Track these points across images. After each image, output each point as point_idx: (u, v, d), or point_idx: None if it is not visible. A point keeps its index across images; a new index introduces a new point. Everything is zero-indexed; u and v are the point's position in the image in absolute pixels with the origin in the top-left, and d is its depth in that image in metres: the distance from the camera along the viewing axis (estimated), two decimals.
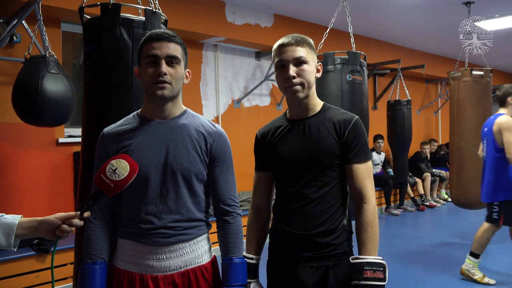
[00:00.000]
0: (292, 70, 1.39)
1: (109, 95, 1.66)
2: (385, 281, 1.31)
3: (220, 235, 1.43)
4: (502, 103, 3.43)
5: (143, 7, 1.77)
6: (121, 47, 1.63)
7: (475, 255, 3.51)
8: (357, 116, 1.46)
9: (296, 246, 1.44)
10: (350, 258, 1.38)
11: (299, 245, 1.43)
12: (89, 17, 1.80)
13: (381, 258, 1.35)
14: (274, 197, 1.59)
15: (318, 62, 1.49)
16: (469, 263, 3.52)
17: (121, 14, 1.67)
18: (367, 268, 1.31)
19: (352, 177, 1.42)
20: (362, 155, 1.41)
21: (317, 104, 1.50)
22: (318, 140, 1.42)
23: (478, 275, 3.47)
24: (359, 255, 1.36)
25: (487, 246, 3.93)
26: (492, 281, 3.44)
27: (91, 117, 1.70)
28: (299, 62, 1.40)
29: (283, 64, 1.41)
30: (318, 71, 1.48)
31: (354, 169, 1.41)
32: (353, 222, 1.46)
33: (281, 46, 1.43)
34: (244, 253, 1.54)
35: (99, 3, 1.71)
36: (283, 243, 1.48)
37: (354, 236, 1.48)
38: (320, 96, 1.57)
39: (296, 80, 1.40)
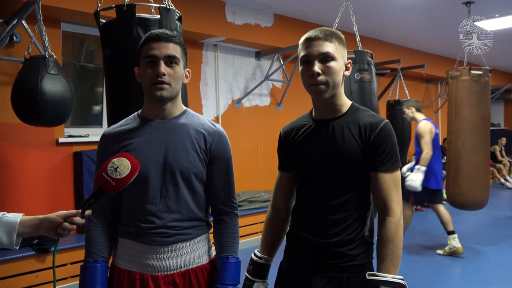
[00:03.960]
0: (317, 67, 1.28)
1: (132, 97, 1.65)
2: None
3: (216, 234, 1.43)
4: None
5: (157, 5, 1.77)
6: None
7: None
8: (387, 120, 1.34)
9: (310, 253, 1.37)
10: (367, 274, 1.27)
11: (314, 252, 1.36)
12: (104, 21, 1.80)
13: (401, 277, 1.24)
14: (294, 199, 1.52)
15: (348, 59, 1.38)
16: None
17: (136, 14, 1.68)
18: (383, 287, 1.22)
19: (377, 186, 1.30)
20: (389, 163, 1.29)
21: (344, 104, 1.38)
22: (341, 144, 1.32)
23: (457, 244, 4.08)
24: (377, 271, 1.26)
25: (486, 247, 3.96)
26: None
27: (114, 118, 1.68)
28: (326, 58, 1.29)
29: (308, 60, 1.31)
30: (347, 69, 1.36)
31: (379, 177, 1.29)
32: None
33: (308, 39, 1.32)
34: (256, 251, 1.52)
35: (113, 5, 1.71)
36: (298, 248, 1.41)
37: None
38: None
39: (321, 78, 1.28)
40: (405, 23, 5.58)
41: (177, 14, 1.82)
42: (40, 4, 2.83)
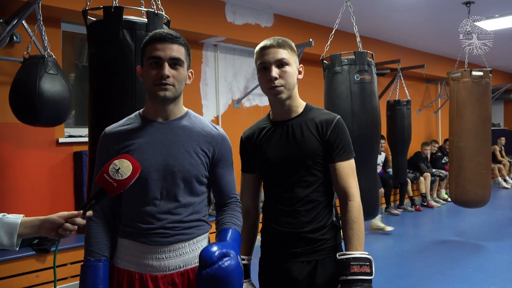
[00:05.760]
0: (275, 72, 1.42)
1: (113, 97, 1.67)
2: (372, 275, 1.35)
3: (218, 219, 1.43)
4: None
5: (145, 9, 1.78)
6: (124, 50, 1.65)
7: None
8: (339, 116, 1.49)
9: (287, 243, 1.48)
10: (337, 254, 1.41)
11: (290, 242, 1.47)
12: (94, 19, 1.80)
13: (367, 253, 1.37)
14: (262, 198, 1.62)
15: (300, 64, 1.51)
16: (375, 221, 5.09)
17: (124, 16, 1.68)
18: (353, 263, 1.34)
19: (336, 175, 1.45)
20: (345, 153, 1.45)
21: (300, 105, 1.52)
22: (301, 141, 1.45)
23: (382, 225, 5.17)
24: (345, 251, 1.40)
25: (486, 247, 3.97)
26: (389, 228, 5.15)
27: (97, 118, 1.72)
28: (281, 64, 1.43)
29: (265, 66, 1.44)
30: (300, 72, 1.51)
31: (338, 167, 1.44)
32: None
33: (263, 48, 1.45)
34: None
35: (101, 6, 1.72)
36: (275, 241, 1.52)
37: None
38: (330, 98, 1.59)
39: (279, 82, 1.42)
40: (405, 23, 5.58)
41: (165, 18, 1.82)
42: (40, 4, 2.83)
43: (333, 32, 3.30)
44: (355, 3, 3.36)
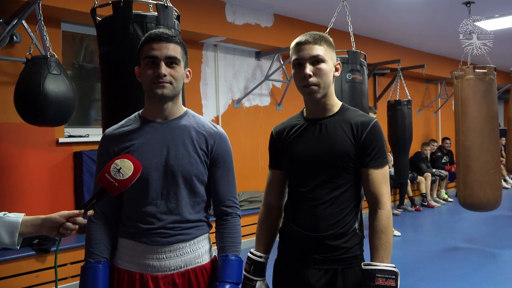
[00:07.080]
0: (309, 69, 1.35)
1: (128, 94, 1.65)
2: None
3: (217, 234, 1.43)
4: None
5: (154, 2, 1.77)
6: (136, 44, 1.62)
7: None
8: (376, 119, 1.41)
9: (305, 247, 1.41)
10: (362, 264, 1.35)
11: (308, 246, 1.40)
12: (99, 18, 1.80)
13: (393, 265, 1.31)
14: (285, 197, 1.57)
15: (337, 61, 1.44)
16: None
17: (133, 10, 1.67)
18: (379, 275, 1.28)
19: (368, 181, 1.38)
20: (379, 159, 1.37)
21: (335, 104, 1.45)
22: (334, 141, 1.39)
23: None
24: (371, 261, 1.33)
25: (486, 247, 3.97)
26: (397, 233, 5.03)
27: (111, 117, 1.69)
28: (316, 60, 1.36)
29: (300, 63, 1.38)
30: (336, 70, 1.43)
31: (370, 173, 1.37)
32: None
33: (299, 44, 1.39)
34: (252, 250, 1.54)
35: (110, 1, 1.71)
36: (293, 243, 1.45)
37: (366, 240, 1.44)
38: None
39: (313, 79, 1.36)
40: (405, 23, 5.58)
41: (175, 12, 1.82)
42: (40, 4, 2.83)
43: (327, 31, 3.29)
44: (355, 3, 3.36)
